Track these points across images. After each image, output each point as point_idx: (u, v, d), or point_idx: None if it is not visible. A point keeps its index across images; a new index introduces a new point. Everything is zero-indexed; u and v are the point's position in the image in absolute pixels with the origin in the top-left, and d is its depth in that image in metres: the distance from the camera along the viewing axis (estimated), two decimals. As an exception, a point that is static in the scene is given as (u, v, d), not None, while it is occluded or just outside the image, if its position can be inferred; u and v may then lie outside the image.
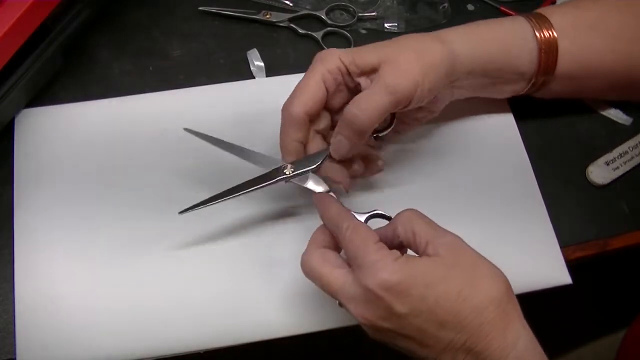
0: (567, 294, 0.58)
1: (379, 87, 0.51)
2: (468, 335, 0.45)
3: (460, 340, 0.45)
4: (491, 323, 0.45)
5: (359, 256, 0.46)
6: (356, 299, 0.46)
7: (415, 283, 0.45)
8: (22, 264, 0.56)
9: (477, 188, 0.61)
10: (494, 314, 0.45)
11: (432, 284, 0.45)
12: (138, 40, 0.68)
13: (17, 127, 0.61)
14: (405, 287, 0.45)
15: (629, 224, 0.61)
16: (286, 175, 0.54)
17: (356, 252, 0.47)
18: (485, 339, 0.45)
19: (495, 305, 0.45)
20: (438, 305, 0.45)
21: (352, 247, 0.47)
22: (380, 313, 0.46)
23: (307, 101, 0.53)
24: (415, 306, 0.45)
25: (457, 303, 0.45)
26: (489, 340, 0.45)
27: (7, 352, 0.53)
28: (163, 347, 0.54)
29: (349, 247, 0.47)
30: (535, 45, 0.57)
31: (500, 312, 0.45)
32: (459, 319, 0.45)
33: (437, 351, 0.46)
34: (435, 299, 0.45)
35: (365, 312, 0.46)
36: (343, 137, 0.52)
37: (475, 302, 0.45)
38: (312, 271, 0.48)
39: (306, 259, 0.49)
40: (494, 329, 0.45)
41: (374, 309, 0.46)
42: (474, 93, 0.61)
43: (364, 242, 0.47)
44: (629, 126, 0.66)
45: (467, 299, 0.45)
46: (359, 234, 0.47)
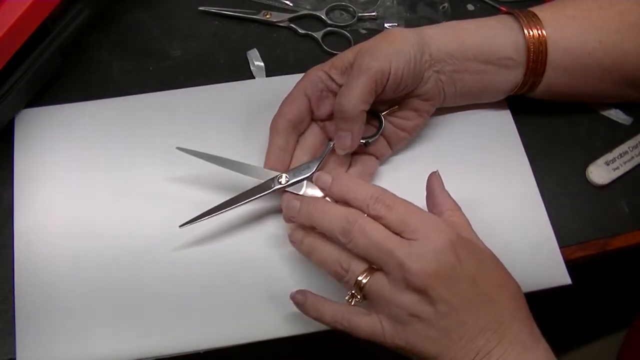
0: (567, 294, 0.58)
1: (355, 71, 0.54)
2: (506, 318, 0.47)
3: (499, 322, 0.47)
4: (523, 312, 0.48)
5: (420, 217, 0.48)
6: (419, 255, 0.46)
7: (472, 252, 0.48)
8: (22, 264, 0.56)
9: (475, 189, 0.61)
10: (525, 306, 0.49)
11: (484, 260, 0.49)
12: (138, 40, 0.68)
13: (17, 127, 0.61)
14: (466, 252, 0.48)
15: (629, 224, 0.61)
16: (282, 184, 0.55)
17: (415, 213, 0.48)
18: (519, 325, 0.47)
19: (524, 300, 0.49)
20: (487, 281, 0.48)
21: (408, 210, 0.48)
22: (442, 270, 0.46)
23: (286, 109, 0.57)
24: (472, 272, 0.47)
25: (502, 282, 0.49)
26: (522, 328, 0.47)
27: (7, 352, 0.53)
28: (163, 347, 0.54)
29: (402, 210, 0.48)
30: (522, 36, 0.58)
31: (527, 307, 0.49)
32: (502, 297, 0.48)
33: (472, 334, 0.47)
34: (486, 273, 0.48)
35: (428, 267, 0.46)
36: (341, 131, 0.55)
37: (513, 289, 0.49)
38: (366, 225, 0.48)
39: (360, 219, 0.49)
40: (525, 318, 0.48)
41: (437, 264, 0.46)
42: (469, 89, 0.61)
43: (417, 207, 0.49)
44: (629, 126, 0.66)
45: (508, 283, 0.49)
46: (408, 201, 0.49)
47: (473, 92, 0.61)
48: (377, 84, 0.54)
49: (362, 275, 0.49)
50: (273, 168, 0.56)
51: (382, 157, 0.61)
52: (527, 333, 0.47)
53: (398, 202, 0.49)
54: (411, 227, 0.47)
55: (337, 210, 0.50)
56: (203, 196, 0.58)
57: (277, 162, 0.56)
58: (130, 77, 0.65)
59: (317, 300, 0.51)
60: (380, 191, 0.49)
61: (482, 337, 0.46)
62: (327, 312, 0.50)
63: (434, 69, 0.58)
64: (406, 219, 0.48)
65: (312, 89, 0.57)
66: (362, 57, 0.55)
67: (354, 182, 0.51)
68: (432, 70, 0.58)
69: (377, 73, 0.54)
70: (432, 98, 0.59)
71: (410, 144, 0.63)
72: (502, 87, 0.61)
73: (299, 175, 0.56)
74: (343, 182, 0.51)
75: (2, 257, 0.56)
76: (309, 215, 0.51)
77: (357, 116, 0.54)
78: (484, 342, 0.46)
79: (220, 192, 0.59)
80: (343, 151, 0.56)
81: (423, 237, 0.47)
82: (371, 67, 0.54)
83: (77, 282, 0.55)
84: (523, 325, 0.47)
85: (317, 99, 0.58)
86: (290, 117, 0.57)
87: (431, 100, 0.59)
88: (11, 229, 0.57)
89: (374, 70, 0.53)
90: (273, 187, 0.55)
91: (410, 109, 0.60)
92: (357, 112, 0.54)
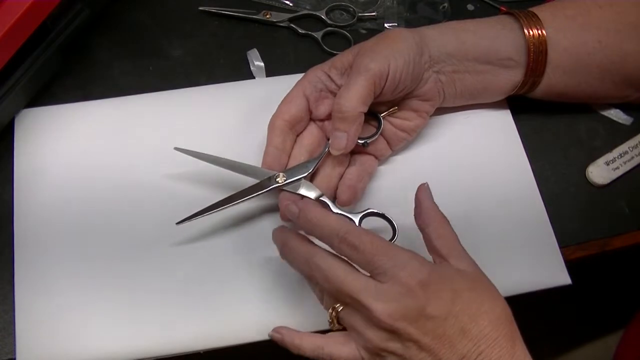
0: (567, 294, 0.58)
1: (354, 72, 0.54)
2: (484, 347, 0.45)
3: (475, 353, 0.45)
4: (505, 338, 0.45)
5: (388, 257, 0.46)
6: (385, 298, 0.45)
7: (445, 286, 0.46)
8: (22, 264, 0.56)
9: (475, 189, 0.61)
10: (507, 329, 0.46)
11: (460, 291, 0.46)
12: (138, 40, 0.68)
13: (17, 127, 0.62)
14: (438, 287, 0.45)
15: (629, 224, 0.61)
16: (278, 183, 0.55)
17: (382, 253, 0.46)
18: (499, 352, 0.45)
19: (508, 322, 0.46)
20: (463, 312, 0.45)
21: (375, 250, 0.46)
22: (410, 313, 0.45)
23: (284, 109, 0.57)
24: (444, 308, 0.45)
25: (479, 312, 0.45)
26: (502, 355, 0.45)
27: (7, 352, 0.53)
28: (163, 347, 0.54)
29: (368, 251, 0.46)
30: (522, 36, 0.58)
31: (511, 329, 0.46)
32: (479, 328, 0.45)
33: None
34: (462, 306, 0.45)
35: (394, 311, 0.45)
36: (337, 131, 0.55)
37: (493, 316, 0.46)
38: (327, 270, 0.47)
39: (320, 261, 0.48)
40: (507, 344, 0.45)
41: (404, 308, 0.45)
42: (468, 89, 0.61)
43: (387, 245, 0.47)
44: (629, 126, 0.66)
45: (487, 311, 0.46)
46: (377, 238, 0.47)
47: (473, 93, 0.61)
48: (376, 85, 0.54)
49: (333, 309, 0.48)
50: (270, 167, 0.56)
51: (381, 157, 0.61)
52: (508, 357, 0.46)
53: (365, 241, 0.46)
54: (379, 269, 0.46)
55: (299, 249, 0.49)
56: (201, 195, 0.58)
57: (274, 162, 0.56)
58: (130, 77, 0.65)
59: (294, 336, 0.50)
60: (345, 229, 0.47)
61: None
62: (306, 346, 0.49)
63: (433, 70, 0.58)
64: (373, 260, 0.46)
65: (311, 89, 0.57)
66: (361, 58, 0.55)
67: (319, 217, 0.48)
68: (431, 70, 0.58)
69: (376, 74, 0.53)
70: (431, 98, 0.59)
71: (410, 144, 0.63)
72: (502, 87, 0.61)
73: (296, 174, 0.56)
74: (307, 217, 0.49)
75: (2, 257, 0.56)
76: (281, 250, 0.51)
77: (355, 117, 0.54)
78: None
79: (218, 191, 0.59)
80: (338, 152, 0.56)
81: (390, 278, 0.45)
82: (370, 68, 0.53)
83: (77, 282, 0.55)
84: (504, 352, 0.45)
85: (316, 99, 0.58)
86: (288, 117, 0.57)
87: (431, 101, 0.59)
88: (11, 229, 0.57)
89: (373, 71, 0.53)
90: (270, 186, 0.55)
91: (409, 110, 0.60)
92: (355, 112, 0.54)
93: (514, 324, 0.47)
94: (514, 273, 0.50)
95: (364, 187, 0.59)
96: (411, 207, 0.51)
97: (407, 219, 0.54)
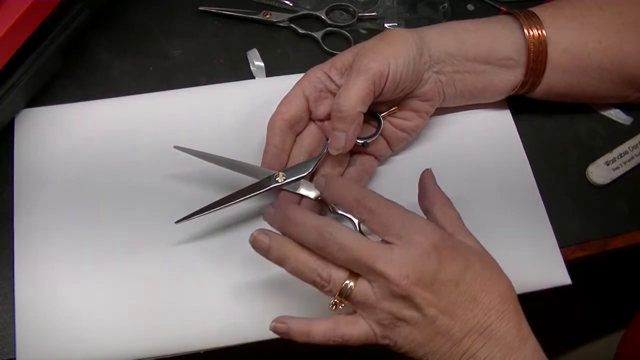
0: (567, 294, 0.58)
1: (354, 72, 0.54)
2: (494, 319, 0.46)
3: (485, 325, 0.46)
4: (512, 312, 0.47)
5: (403, 220, 0.47)
6: (400, 262, 0.45)
7: (458, 253, 0.47)
8: (22, 264, 0.56)
9: (475, 189, 0.61)
10: (513, 305, 0.47)
11: (470, 261, 0.47)
12: (138, 40, 0.68)
13: (17, 127, 0.62)
14: (451, 253, 0.47)
15: (629, 224, 0.61)
16: (278, 183, 0.56)
17: (398, 217, 0.47)
18: (507, 325, 0.46)
19: (513, 298, 0.48)
20: (474, 281, 0.46)
21: (390, 213, 0.47)
22: (425, 276, 0.45)
23: (284, 108, 0.57)
24: (457, 274, 0.46)
25: (490, 282, 0.47)
26: (509, 328, 0.46)
27: (7, 352, 0.53)
28: (163, 347, 0.54)
29: (384, 214, 0.47)
30: (522, 36, 0.58)
31: (517, 305, 0.48)
32: (489, 298, 0.46)
33: (457, 337, 0.46)
34: (473, 274, 0.47)
35: (410, 273, 0.45)
36: (336, 131, 0.55)
37: (503, 288, 0.48)
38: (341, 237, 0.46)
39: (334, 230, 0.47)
40: (514, 318, 0.47)
41: (420, 271, 0.45)
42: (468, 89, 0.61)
43: (402, 210, 0.48)
44: (629, 126, 0.66)
45: (497, 283, 0.48)
46: (393, 203, 0.48)
47: (473, 93, 0.61)
48: (376, 85, 0.54)
49: (345, 285, 0.47)
50: (270, 166, 0.56)
51: (381, 157, 0.61)
52: (515, 333, 0.46)
53: (381, 204, 0.47)
54: (393, 231, 0.46)
55: (311, 221, 0.47)
56: (200, 194, 0.58)
57: (273, 161, 0.57)
58: (130, 77, 0.65)
59: (301, 324, 0.49)
60: (364, 194, 0.48)
61: (467, 340, 0.46)
62: (316, 332, 0.48)
63: (433, 70, 0.58)
64: (388, 222, 0.47)
65: (310, 89, 0.57)
66: (360, 58, 0.55)
67: (341, 185, 0.50)
68: (431, 71, 0.58)
69: (376, 74, 0.53)
70: (431, 99, 0.59)
71: (410, 144, 0.63)
72: (502, 87, 0.61)
73: (296, 174, 0.56)
74: (334, 186, 0.50)
75: (2, 257, 0.56)
76: (282, 225, 0.49)
77: (354, 117, 0.54)
78: (469, 344, 0.46)
79: (217, 190, 0.59)
80: (336, 151, 0.56)
81: (405, 241, 0.46)
82: (369, 68, 0.53)
83: (76, 281, 0.55)
84: (511, 325, 0.46)
85: (316, 99, 0.58)
86: (287, 117, 0.57)
87: (431, 101, 0.59)
88: (11, 229, 0.57)
89: (373, 71, 0.53)
90: (269, 185, 0.56)
91: (409, 110, 0.60)
92: (354, 112, 0.54)
93: (518, 302, 0.48)
94: (514, 273, 0.50)
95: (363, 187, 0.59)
96: (411, 207, 0.51)
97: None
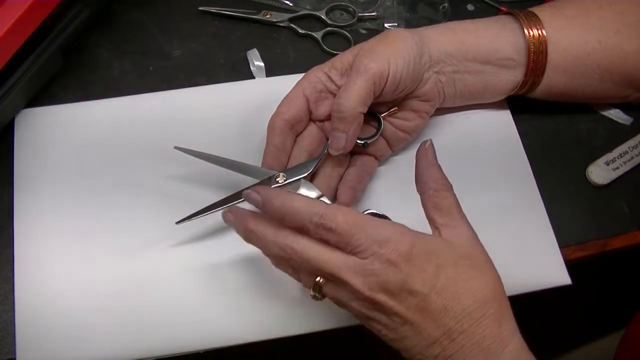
0: (567, 294, 0.58)
1: (354, 72, 0.54)
2: (467, 326, 0.45)
3: (458, 331, 0.45)
4: (490, 317, 0.45)
5: (367, 234, 0.45)
6: (365, 272, 0.45)
7: (429, 261, 0.45)
8: (22, 264, 0.56)
9: (475, 189, 0.61)
10: (494, 309, 0.46)
11: (444, 266, 0.45)
12: (138, 40, 0.68)
13: (17, 127, 0.61)
14: (421, 261, 0.45)
15: (629, 224, 0.61)
16: (278, 183, 0.55)
17: (360, 231, 0.45)
18: (483, 332, 0.45)
19: (496, 301, 0.46)
20: (446, 288, 0.45)
21: (352, 229, 0.45)
22: (390, 286, 0.45)
23: (284, 109, 0.57)
24: (426, 282, 0.45)
25: (463, 290, 0.45)
26: (486, 334, 0.45)
27: (7, 352, 0.53)
28: (162, 347, 0.54)
29: (345, 232, 0.45)
30: (522, 36, 0.58)
31: (499, 308, 0.46)
32: (462, 306, 0.45)
33: (427, 342, 0.45)
34: (445, 281, 0.45)
35: (374, 284, 0.45)
36: (336, 131, 0.55)
37: (480, 295, 0.45)
38: (303, 252, 0.46)
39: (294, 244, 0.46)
40: (492, 324, 0.45)
41: (384, 282, 0.45)
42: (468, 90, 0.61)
43: (364, 221, 0.45)
44: (629, 126, 0.66)
45: (473, 289, 0.45)
46: (352, 215, 0.45)
47: (473, 93, 0.61)
48: (376, 85, 0.54)
49: (316, 282, 0.47)
50: (270, 167, 0.56)
51: (381, 158, 0.61)
52: (493, 338, 0.45)
53: (340, 221, 0.45)
54: (358, 248, 0.45)
55: (270, 237, 0.47)
56: (200, 194, 0.58)
57: (274, 162, 0.56)
58: (130, 77, 0.65)
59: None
60: (320, 212, 0.45)
61: (437, 346, 0.45)
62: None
63: (433, 70, 0.58)
64: (351, 240, 0.45)
65: (311, 89, 0.57)
66: (360, 58, 0.55)
67: (286, 204, 0.46)
68: (431, 71, 0.58)
69: (376, 74, 0.53)
70: (431, 99, 0.59)
71: (410, 144, 0.62)
72: (502, 88, 0.61)
73: (296, 174, 0.56)
74: (274, 206, 0.47)
75: (2, 257, 0.56)
76: (244, 236, 0.49)
77: (354, 117, 0.54)
78: (440, 349, 0.45)
79: (218, 191, 0.59)
80: (337, 152, 0.56)
81: (370, 253, 0.44)
82: (369, 68, 0.53)
83: (76, 281, 0.55)
84: (489, 331, 0.45)
85: (316, 100, 0.58)
86: (287, 117, 0.57)
87: (431, 101, 0.59)
88: (11, 229, 0.57)
89: (373, 71, 0.53)
90: (270, 186, 0.55)
91: (409, 110, 0.60)
92: (354, 113, 0.54)
93: (503, 303, 0.46)
94: (514, 273, 0.50)
95: (364, 188, 0.59)
96: (411, 207, 0.51)
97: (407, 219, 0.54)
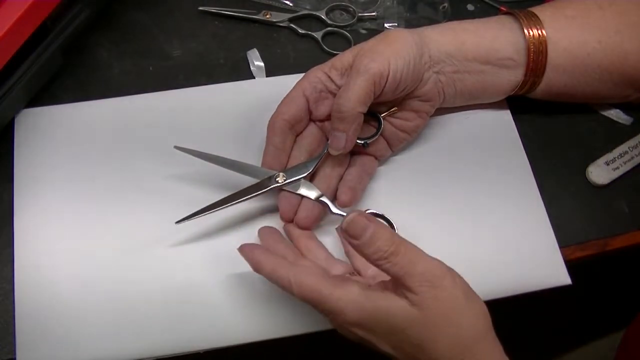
0: (567, 294, 0.58)
1: (354, 72, 0.54)
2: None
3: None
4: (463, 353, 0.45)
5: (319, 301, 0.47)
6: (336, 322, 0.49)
7: (379, 324, 0.47)
8: (22, 264, 0.56)
9: (475, 189, 0.61)
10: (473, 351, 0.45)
11: (395, 329, 0.46)
12: (138, 40, 0.68)
13: (17, 127, 0.62)
14: (370, 326, 0.47)
15: (629, 224, 0.61)
16: (278, 183, 0.56)
17: (314, 296, 0.48)
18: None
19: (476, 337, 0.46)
20: (400, 349, 0.47)
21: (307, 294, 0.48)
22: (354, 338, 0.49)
23: (284, 109, 0.57)
24: (383, 339, 0.47)
25: (434, 339, 0.45)
26: None
27: (7, 352, 0.53)
28: (162, 347, 0.54)
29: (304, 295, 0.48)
30: (522, 36, 0.58)
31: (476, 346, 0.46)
32: (430, 354, 0.45)
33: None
34: (409, 346, 0.46)
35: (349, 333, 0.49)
36: (336, 131, 0.55)
37: (455, 340, 0.45)
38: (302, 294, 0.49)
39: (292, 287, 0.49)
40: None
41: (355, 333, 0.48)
42: (468, 90, 0.61)
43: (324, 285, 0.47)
44: (629, 126, 0.66)
45: (444, 337, 0.45)
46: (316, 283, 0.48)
47: (473, 93, 0.61)
48: (376, 85, 0.54)
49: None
50: (270, 167, 0.56)
51: (381, 158, 0.61)
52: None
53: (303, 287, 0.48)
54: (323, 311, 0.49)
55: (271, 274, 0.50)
56: (200, 194, 0.58)
57: (273, 161, 0.57)
58: (130, 77, 0.65)
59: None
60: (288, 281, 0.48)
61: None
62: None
63: (433, 70, 0.58)
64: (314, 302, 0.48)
65: (310, 89, 0.57)
66: (360, 58, 0.55)
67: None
68: (431, 71, 0.58)
69: (376, 74, 0.53)
70: (431, 99, 0.59)
71: (411, 144, 0.63)
72: (502, 88, 0.61)
73: (296, 174, 0.56)
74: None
75: (2, 257, 0.56)
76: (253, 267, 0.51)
77: (354, 117, 0.54)
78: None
79: (217, 190, 0.59)
80: (337, 152, 0.56)
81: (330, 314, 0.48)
82: (370, 68, 0.53)
83: (76, 281, 0.55)
84: None
85: (316, 100, 0.58)
86: (287, 117, 0.57)
87: (431, 101, 0.59)
88: (11, 229, 0.57)
89: (373, 71, 0.53)
90: (270, 185, 0.56)
91: (409, 110, 0.60)
92: (354, 113, 0.54)
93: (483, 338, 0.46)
94: (514, 273, 0.50)
95: (364, 188, 0.59)
96: (412, 207, 0.51)
97: (407, 219, 0.55)
